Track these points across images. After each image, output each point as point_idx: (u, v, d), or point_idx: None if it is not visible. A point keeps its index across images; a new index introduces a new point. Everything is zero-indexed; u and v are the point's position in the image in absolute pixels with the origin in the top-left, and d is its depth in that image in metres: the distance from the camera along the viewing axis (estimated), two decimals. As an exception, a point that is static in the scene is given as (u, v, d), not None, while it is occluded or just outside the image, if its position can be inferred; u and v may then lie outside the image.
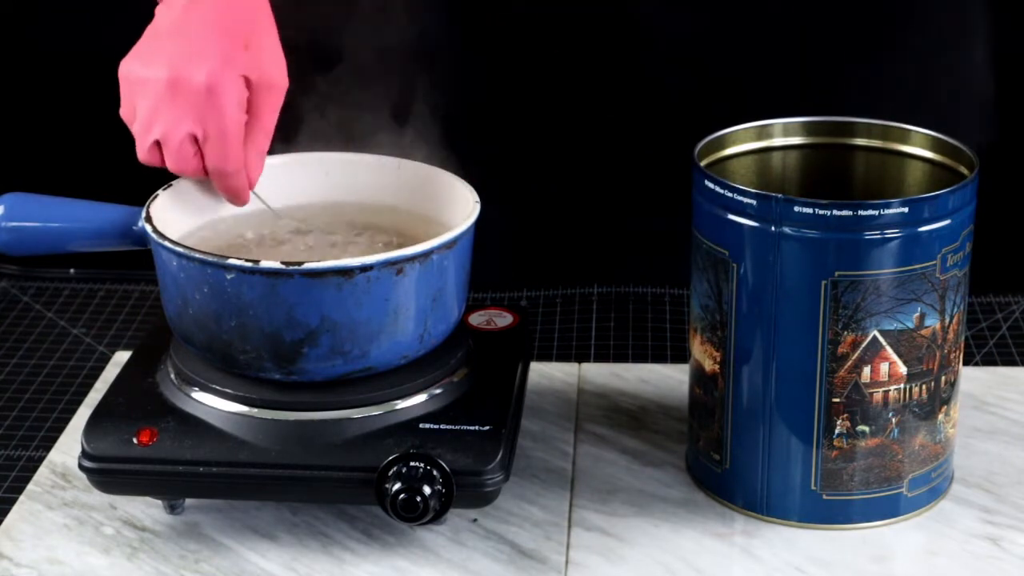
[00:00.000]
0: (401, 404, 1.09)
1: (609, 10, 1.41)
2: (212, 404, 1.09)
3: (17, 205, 1.14)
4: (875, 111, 1.18)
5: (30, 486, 1.16)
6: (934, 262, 1.05)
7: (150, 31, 1.11)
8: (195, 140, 1.08)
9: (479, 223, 1.10)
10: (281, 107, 1.11)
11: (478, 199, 1.12)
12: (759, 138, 1.16)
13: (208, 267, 1.04)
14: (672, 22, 1.42)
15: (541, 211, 1.47)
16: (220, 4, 1.10)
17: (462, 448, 1.05)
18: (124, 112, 1.10)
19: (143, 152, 1.09)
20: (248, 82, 1.08)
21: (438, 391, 1.10)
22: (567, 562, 1.08)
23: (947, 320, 1.07)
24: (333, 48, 1.18)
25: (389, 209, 1.19)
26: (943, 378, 1.09)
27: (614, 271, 1.49)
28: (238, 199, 1.12)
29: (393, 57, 1.40)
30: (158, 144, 1.08)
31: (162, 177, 1.16)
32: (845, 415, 1.07)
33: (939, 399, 1.09)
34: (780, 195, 1.04)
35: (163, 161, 1.09)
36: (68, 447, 1.21)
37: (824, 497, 1.09)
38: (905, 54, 1.45)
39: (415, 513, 1.03)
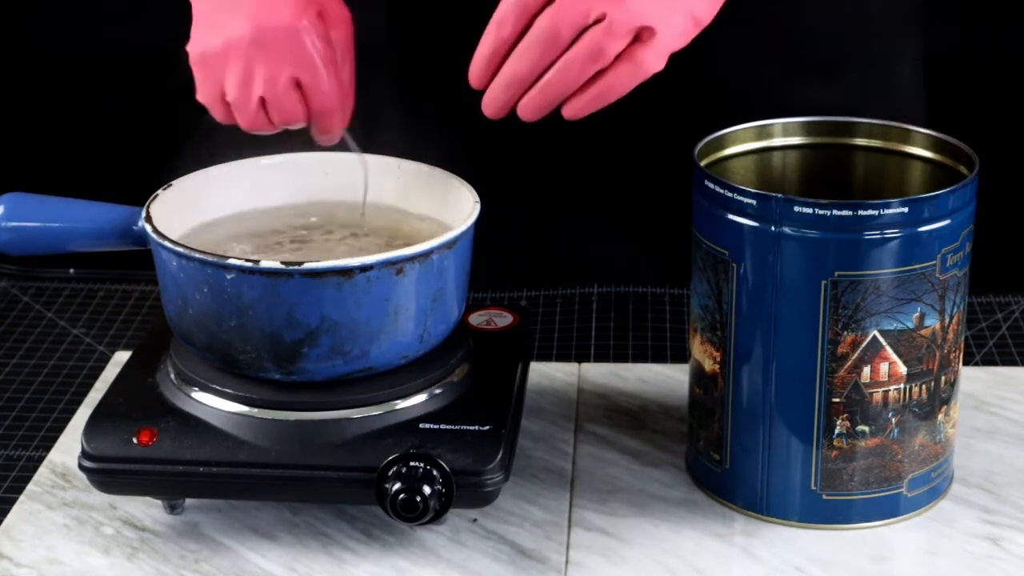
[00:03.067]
0: (401, 404, 1.09)
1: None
2: (212, 404, 1.09)
3: (17, 205, 1.14)
4: (875, 111, 1.18)
5: (30, 486, 1.16)
6: (934, 262, 1.05)
7: (201, 10, 1.10)
8: (297, 85, 1.07)
9: (479, 223, 1.10)
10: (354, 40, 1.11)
11: (478, 199, 1.12)
12: (759, 138, 1.16)
13: (208, 267, 1.05)
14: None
15: (541, 211, 1.47)
16: None
17: (462, 448, 1.05)
18: (206, 94, 1.09)
19: (249, 117, 1.08)
20: (323, 17, 1.08)
21: (438, 391, 1.10)
22: (567, 562, 1.08)
23: (947, 320, 1.07)
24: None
25: (389, 209, 1.19)
26: (943, 378, 1.09)
27: (614, 271, 1.49)
28: (334, 136, 1.11)
29: (393, 57, 1.40)
30: (262, 104, 1.08)
31: (162, 177, 1.16)
32: (845, 415, 1.07)
33: (939, 399, 1.09)
34: (780, 195, 1.04)
35: (270, 121, 1.09)
36: (68, 447, 1.21)
37: (824, 497, 1.09)
38: (905, 54, 1.45)
39: (415, 513, 1.03)
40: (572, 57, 1.01)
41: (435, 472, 1.04)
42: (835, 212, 1.03)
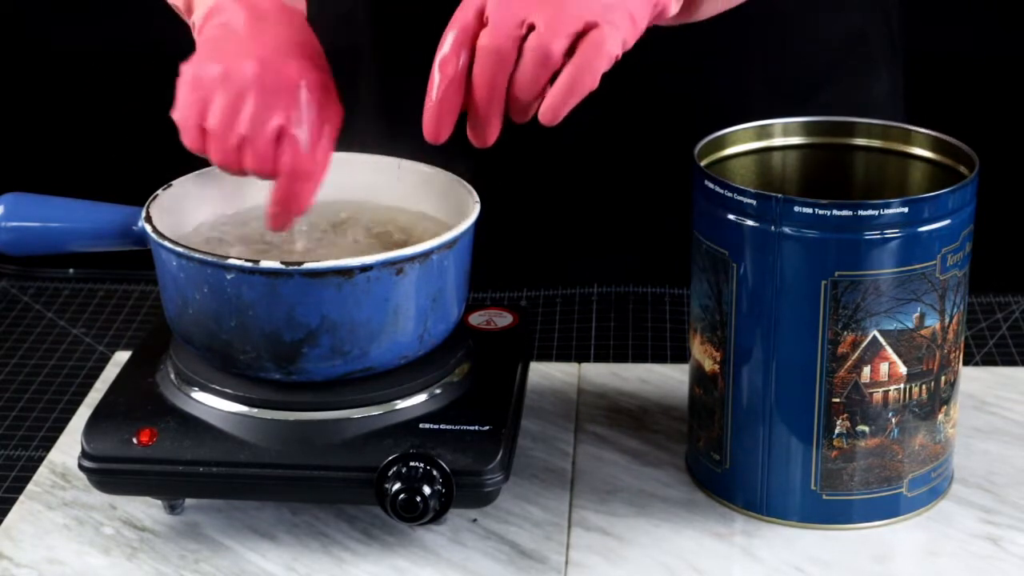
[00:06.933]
0: (401, 404, 1.09)
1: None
2: (212, 404, 1.09)
3: (17, 205, 1.14)
4: (874, 111, 1.18)
5: (30, 486, 1.16)
6: (934, 262, 1.05)
7: (211, 37, 1.09)
8: (279, 137, 1.06)
9: (479, 223, 1.10)
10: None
11: (478, 199, 1.12)
12: (759, 138, 1.16)
13: (208, 267, 1.05)
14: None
15: (541, 211, 1.47)
16: (284, 20, 1.10)
17: (462, 448, 1.05)
18: (185, 115, 1.07)
19: (224, 152, 1.06)
20: (325, 91, 1.08)
21: (438, 391, 1.10)
22: (567, 562, 1.08)
23: (947, 320, 1.07)
24: (330, 48, 1.18)
25: (389, 209, 1.19)
26: (943, 378, 1.09)
27: (614, 271, 1.49)
28: (295, 208, 1.08)
29: (392, 55, 1.40)
30: (241, 142, 1.06)
31: (162, 177, 1.16)
32: (845, 415, 1.07)
33: (939, 399, 1.09)
34: (780, 195, 1.04)
35: (241, 163, 1.07)
36: (68, 447, 1.21)
37: (824, 497, 1.09)
38: (904, 54, 1.45)
39: (415, 513, 1.03)
40: (522, 70, 1.01)
41: (435, 472, 1.04)
42: (835, 212, 1.03)
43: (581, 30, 1.00)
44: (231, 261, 1.04)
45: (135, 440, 1.07)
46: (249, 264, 1.03)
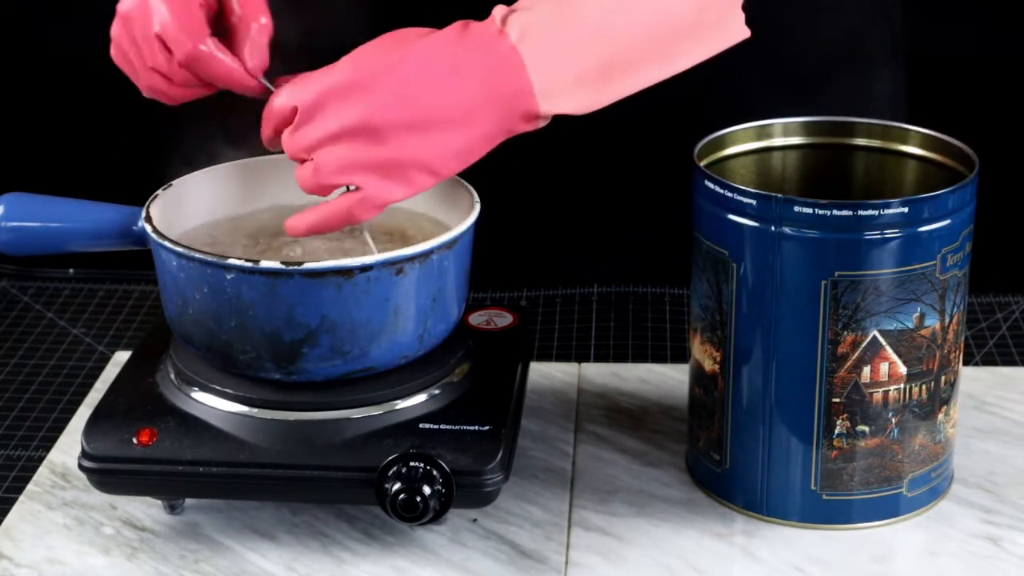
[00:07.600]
0: (401, 404, 1.09)
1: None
2: (212, 404, 1.09)
3: (17, 205, 1.14)
4: (874, 111, 1.18)
5: (30, 486, 1.16)
6: (934, 262, 1.05)
7: None
8: (161, 40, 1.07)
9: (479, 223, 1.10)
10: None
11: (478, 199, 1.12)
12: (759, 138, 1.16)
13: (208, 267, 1.05)
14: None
15: (541, 211, 1.47)
16: None
17: (462, 448, 1.05)
18: (120, 63, 1.10)
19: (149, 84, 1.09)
20: None
21: (438, 391, 1.10)
22: (567, 562, 1.08)
23: (947, 320, 1.07)
24: (331, 47, 1.18)
25: (389, 209, 1.19)
26: (943, 378, 1.09)
27: (614, 271, 1.49)
28: (237, 84, 1.09)
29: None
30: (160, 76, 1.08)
31: (162, 177, 1.16)
32: (845, 415, 1.07)
33: (939, 399, 1.09)
34: (780, 195, 1.04)
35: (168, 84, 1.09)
36: (68, 447, 1.21)
37: (824, 497, 1.09)
38: (905, 54, 1.45)
39: (415, 513, 1.03)
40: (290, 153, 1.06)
41: (435, 472, 1.04)
42: (835, 212, 1.03)
43: (342, 185, 1.05)
44: (231, 261, 1.04)
45: (135, 440, 1.07)
46: (249, 264, 1.03)
